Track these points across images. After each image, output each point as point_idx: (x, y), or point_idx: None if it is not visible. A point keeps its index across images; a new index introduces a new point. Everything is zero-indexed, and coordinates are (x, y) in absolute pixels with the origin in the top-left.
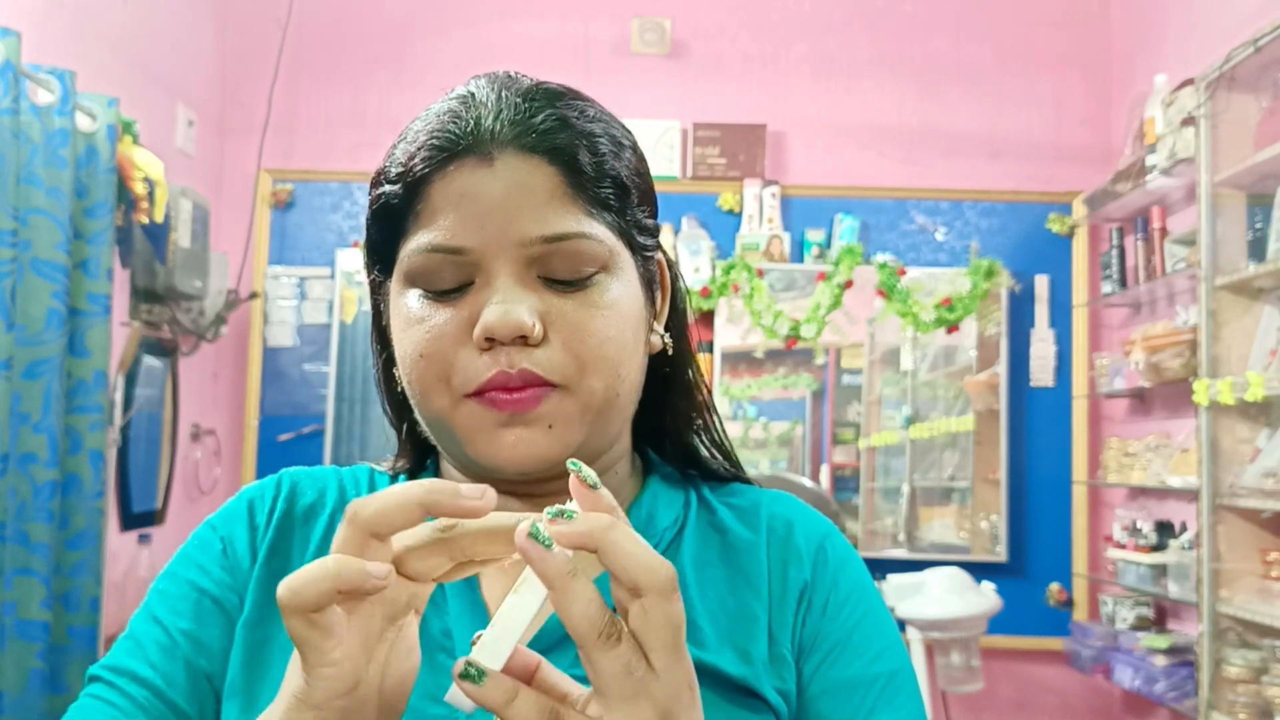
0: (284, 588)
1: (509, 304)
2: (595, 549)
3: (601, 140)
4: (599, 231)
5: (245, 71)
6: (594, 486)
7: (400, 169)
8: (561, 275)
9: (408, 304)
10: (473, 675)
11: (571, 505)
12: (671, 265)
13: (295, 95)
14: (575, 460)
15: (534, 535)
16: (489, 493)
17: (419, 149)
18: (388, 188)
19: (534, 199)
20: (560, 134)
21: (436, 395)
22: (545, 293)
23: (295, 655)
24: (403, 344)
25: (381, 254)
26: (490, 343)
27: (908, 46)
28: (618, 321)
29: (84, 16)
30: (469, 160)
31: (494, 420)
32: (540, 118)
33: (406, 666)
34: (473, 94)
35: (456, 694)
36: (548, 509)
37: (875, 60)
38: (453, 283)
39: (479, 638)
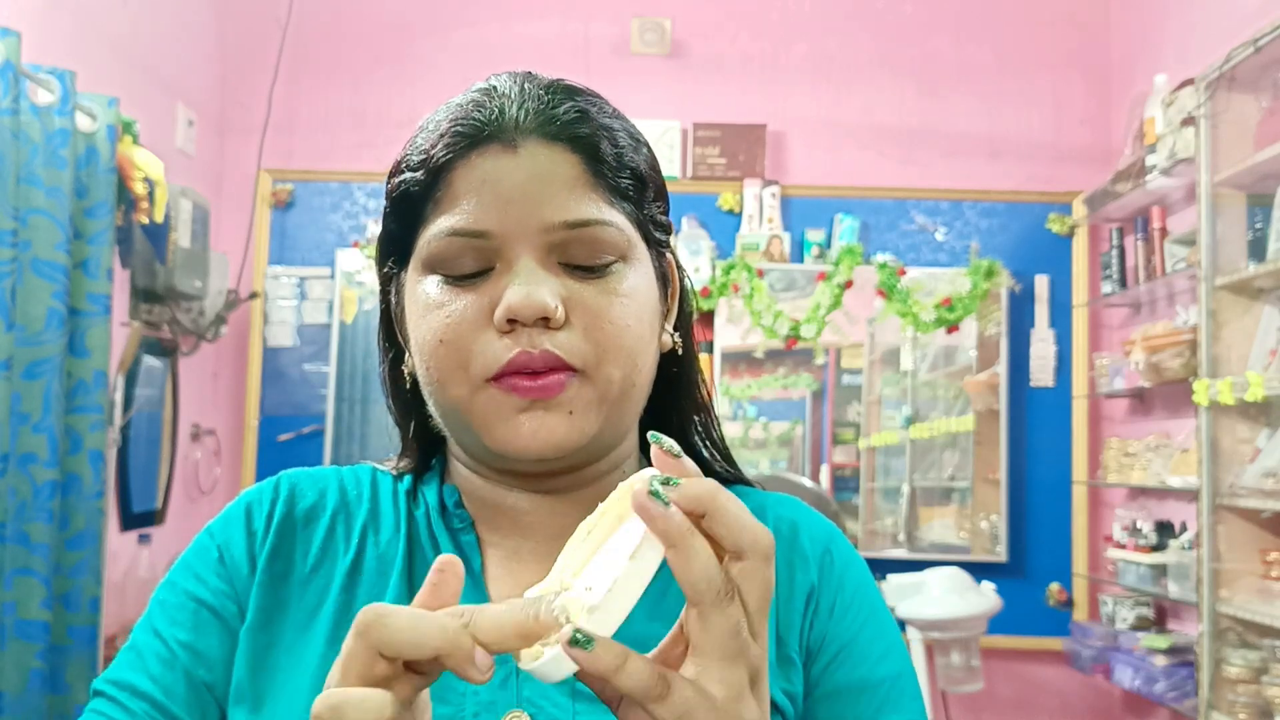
0: (329, 709)
1: (531, 286)
2: (704, 513)
3: (621, 134)
4: (618, 220)
5: (245, 71)
6: (678, 456)
7: (422, 156)
8: (582, 261)
9: (426, 290)
10: (581, 642)
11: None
12: (680, 267)
13: (295, 95)
14: (656, 433)
15: (655, 494)
16: (489, 673)
17: (442, 136)
18: (408, 175)
19: (556, 186)
20: (583, 125)
21: (454, 383)
22: (566, 278)
23: None
24: (420, 330)
25: (399, 243)
26: (511, 325)
27: (908, 46)
28: (636, 310)
29: (84, 16)
30: (492, 147)
31: (513, 406)
32: (563, 109)
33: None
34: (495, 86)
35: (552, 663)
36: (654, 476)
37: (875, 60)
38: (473, 268)
39: (559, 595)
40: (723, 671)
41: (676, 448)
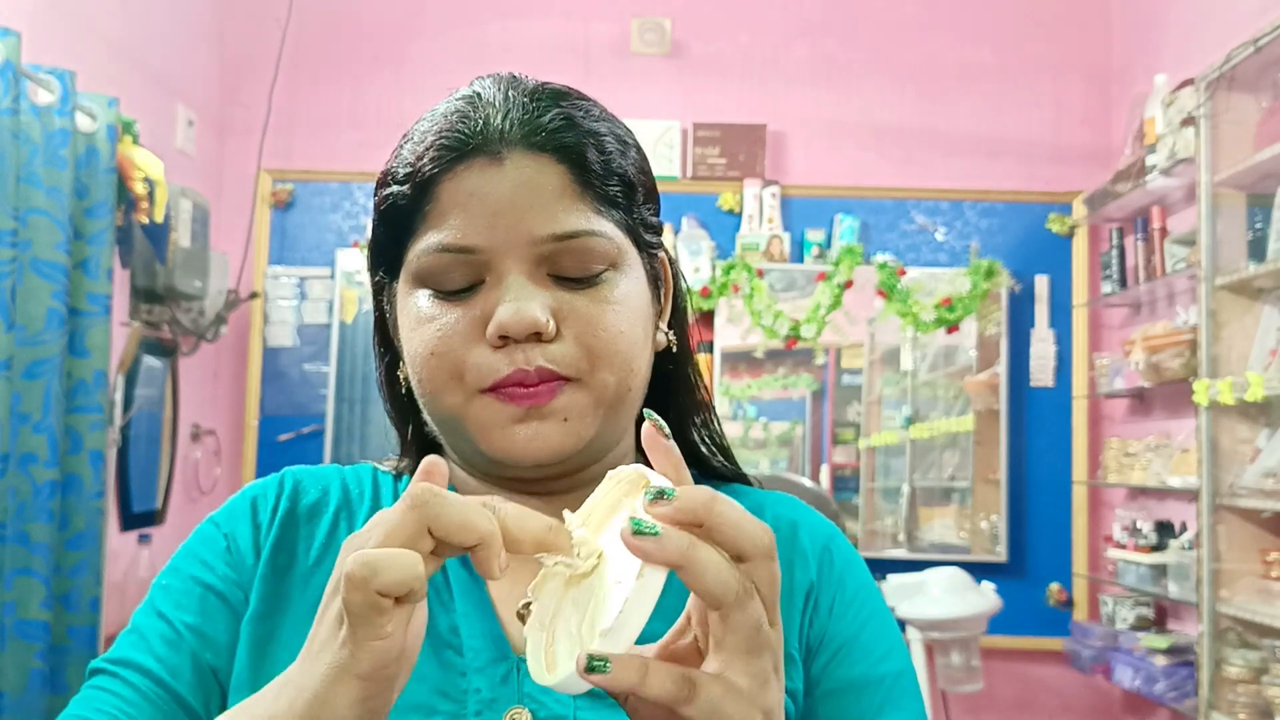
0: (362, 565)
1: (522, 301)
2: (701, 523)
3: (607, 139)
4: (607, 229)
5: (245, 71)
6: (668, 437)
7: (408, 169)
8: (572, 273)
9: (417, 304)
10: (598, 667)
11: (657, 482)
12: (673, 263)
13: (295, 95)
14: (650, 411)
15: (639, 531)
16: (506, 571)
17: (427, 149)
18: (395, 188)
19: (543, 197)
20: (568, 133)
21: (449, 392)
22: (556, 289)
23: (321, 626)
24: (412, 343)
25: (388, 255)
26: (504, 340)
27: (908, 47)
28: (628, 316)
29: (83, 16)
30: (478, 160)
31: (509, 415)
32: (548, 117)
33: (419, 621)
34: (479, 94)
35: (573, 679)
36: (646, 491)
37: (875, 60)
38: (463, 282)
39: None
40: (747, 664)
41: (666, 428)
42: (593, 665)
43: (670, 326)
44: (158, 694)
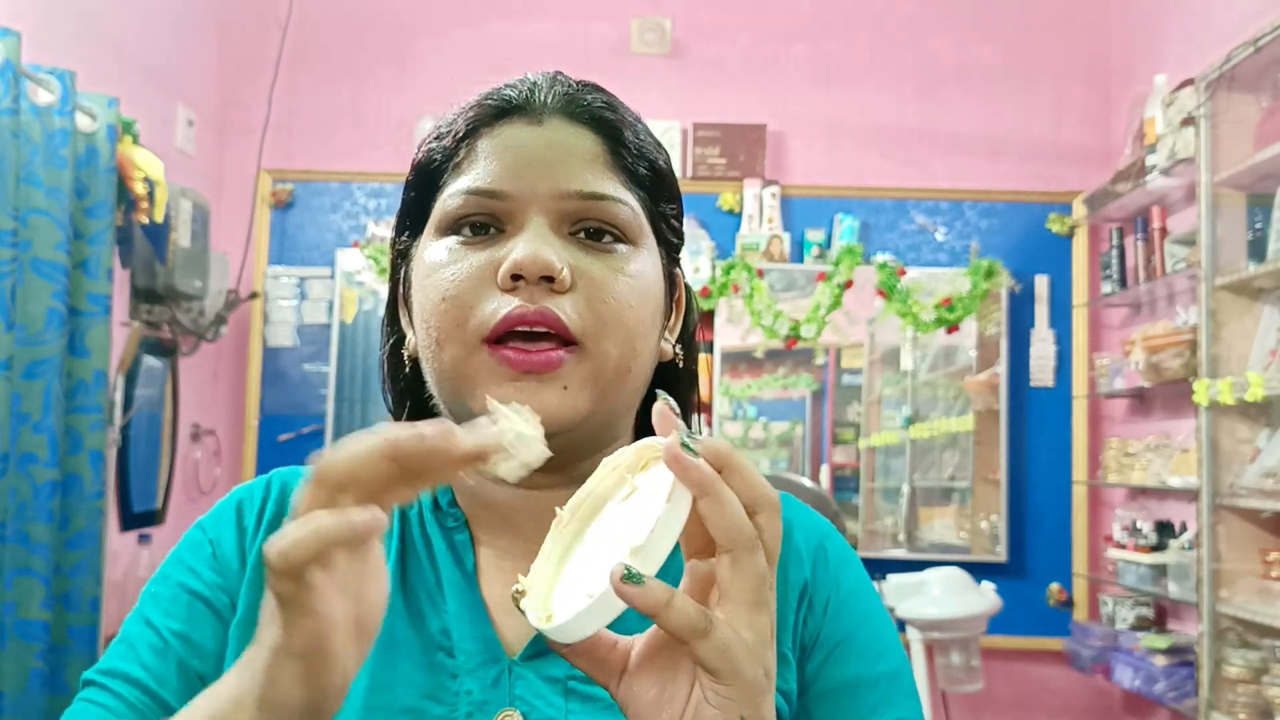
0: (273, 552)
1: (539, 244)
2: (723, 468)
3: (643, 131)
4: (633, 202)
5: (245, 71)
6: (679, 415)
7: (448, 127)
8: (592, 236)
9: (436, 254)
10: (635, 577)
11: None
12: (688, 287)
13: (295, 95)
14: (662, 391)
15: (686, 446)
16: (448, 427)
17: (469, 108)
18: (434, 144)
19: (575, 158)
20: (608, 112)
21: (452, 343)
22: (574, 248)
23: (266, 612)
24: (424, 290)
25: (415, 211)
26: (515, 282)
27: (908, 47)
28: (640, 292)
29: (84, 16)
30: (518, 119)
31: (505, 376)
32: (590, 97)
33: (376, 589)
34: (527, 76)
35: (575, 621)
36: (678, 432)
37: (875, 60)
38: (484, 229)
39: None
40: (751, 617)
41: (677, 407)
42: (630, 575)
43: (679, 343)
44: (145, 703)
